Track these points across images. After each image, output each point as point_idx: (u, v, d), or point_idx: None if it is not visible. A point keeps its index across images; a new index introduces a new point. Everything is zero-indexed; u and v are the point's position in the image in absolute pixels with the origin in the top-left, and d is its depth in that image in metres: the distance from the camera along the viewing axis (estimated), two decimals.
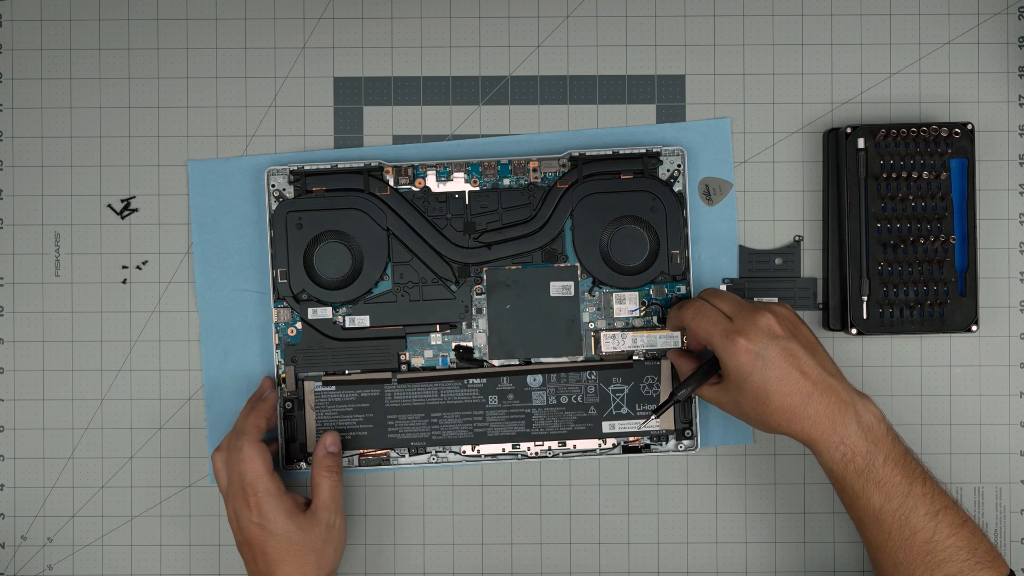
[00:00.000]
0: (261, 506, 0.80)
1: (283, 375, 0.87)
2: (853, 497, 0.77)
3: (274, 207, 0.87)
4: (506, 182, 0.88)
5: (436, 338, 0.88)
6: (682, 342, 0.85)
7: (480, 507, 0.89)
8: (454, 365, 0.88)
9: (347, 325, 0.87)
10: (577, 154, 0.87)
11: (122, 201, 0.90)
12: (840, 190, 0.87)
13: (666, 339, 0.87)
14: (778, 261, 0.89)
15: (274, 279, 0.87)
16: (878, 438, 0.76)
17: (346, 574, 0.89)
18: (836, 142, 0.87)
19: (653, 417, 0.84)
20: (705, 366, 0.82)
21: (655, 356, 0.88)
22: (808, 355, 0.77)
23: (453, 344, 0.88)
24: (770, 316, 0.77)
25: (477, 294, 0.88)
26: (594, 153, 0.87)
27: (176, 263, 0.89)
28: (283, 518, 0.80)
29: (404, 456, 0.88)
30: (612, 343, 0.86)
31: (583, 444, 0.88)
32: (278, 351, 0.87)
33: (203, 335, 0.89)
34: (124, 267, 0.89)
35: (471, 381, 0.88)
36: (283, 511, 0.80)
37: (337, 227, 0.87)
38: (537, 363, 0.88)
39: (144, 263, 0.89)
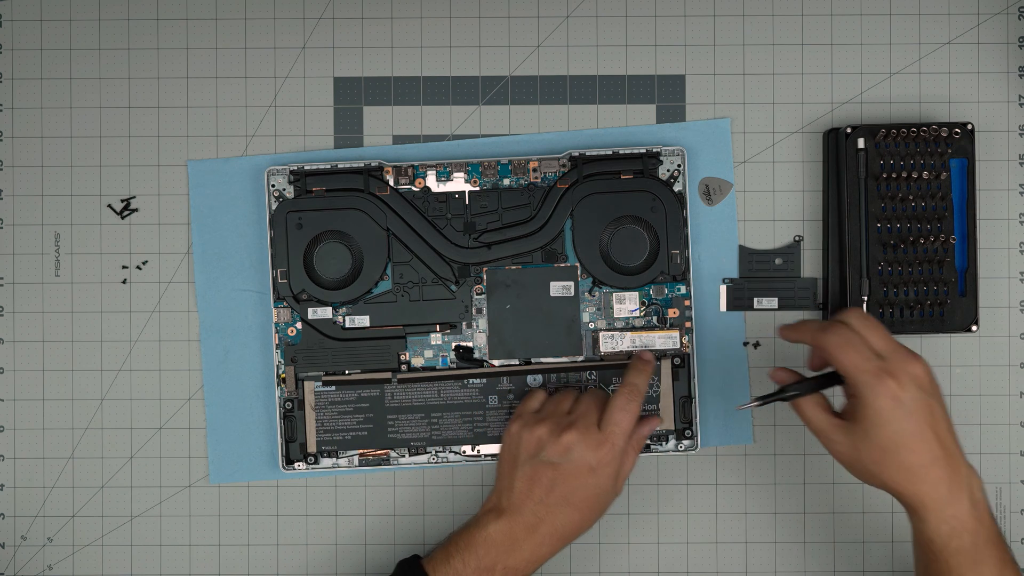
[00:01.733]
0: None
1: (283, 375, 0.87)
2: (945, 571, 0.74)
3: (274, 207, 0.87)
4: (506, 182, 0.88)
5: (436, 338, 0.88)
6: (681, 342, 0.85)
7: (480, 507, 0.89)
8: (454, 365, 0.88)
9: (347, 325, 0.87)
10: (577, 154, 0.87)
11: (122, 201, 0.90)
12: (840, 190, 0.87)
13: (665, 339, 0.87)
14: (778, 261, 0.89)
15: (274, 279, 0.87)
16: (984, 517, 0.74)
17: (346, 574, 0.90)
18: (836, 142, 0.87)
19: (755, 403, 0.80)
20: (822, 379, 0.77)
21: (655, 356, 0.88)
22: (945, 418, 0.75)
23: (453, 344, 0.88)
24: (923, 366, 0.74)
25: (477, 294, 0.88)
26: (594, 153, 0.87)
27: (176, 263, 0.89)
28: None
29: (404, 456, 0.88)
30: (611, 343, 0.86)
31: None
32: (278, 351, 0.87)
33: (203, 335, 0.89)
34: (124, 267, 0.89)
35: (471, 381, 0.88)
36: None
37: (337, 227, 0.87)
38: (537, 363, 0.88)
39: (144, 263, 0.89)
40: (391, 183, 0.87)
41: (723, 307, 0.89)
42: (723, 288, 0.89)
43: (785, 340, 0.79)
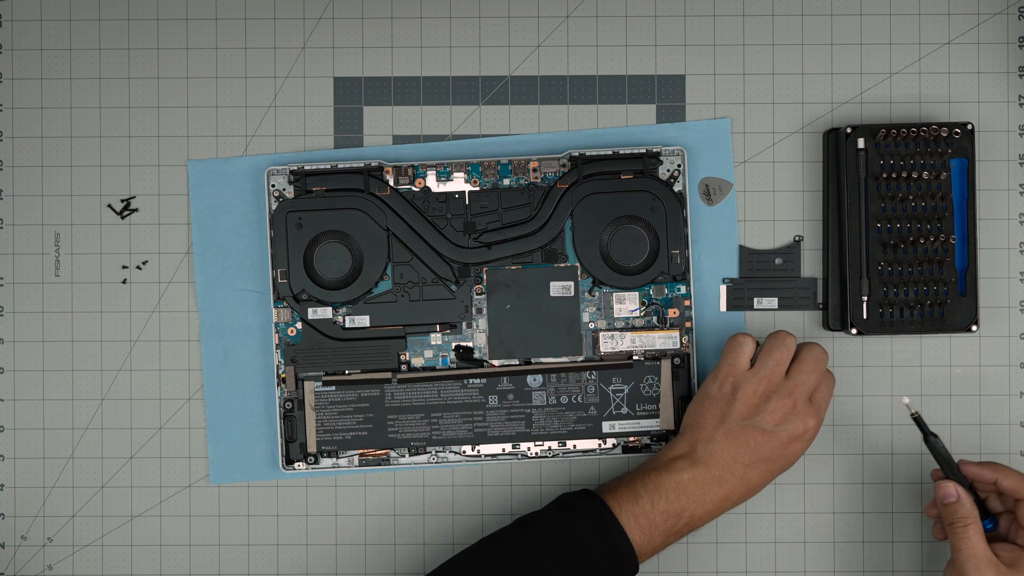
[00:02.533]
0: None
1: (283, 375, 0.87)
2: None
3: (274, 207, 0.87)
4: (506, 182, 0.88)
5: (436, 338, 0.88)
6: (681, 342, 0.85)
7: (480, 507, 0.89)
8: (454, 365, 0.88)
9: (347, 325, 0.87)
10: (577, 154, 0.87)
11: (122, 201, 0.90)
12: (840, 190, 0.87)
13: (665, 339, 0.87)
14: (778, 261, 0.89)
15: (274, 279, 0.87)
16: None
17: (346, 574, 0.90)
18: (836, 142, 0.87)
19: (915, 414, 0.83)
20: (981, 509, 0.81)
21: (655, 356, 0.88)
22: None
23: (453, 344, 0.88)
24: None
25: (477, 294, 0.88)
26: (594, 153, 0.87)
27: (176, 263, 0.89)
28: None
29: (404, 456, 0.88)
30: (611, 343, 0.86)
31: (583, 444, 0.88)
32: (278, 351, 0.87)
33: (203, 335, 0.89)
34: (124, 267, 0.89)
35: (471, 381, 0.88)
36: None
37: (337, 227, 0.87)
38: (537, 363, 0.88)
39: (144, 263, 0.89)
40: (391, 183, 0.87)
41: (723, 307, 0.89)
42: (723, 288, 0.89)
43: (969, 476, 0.81)
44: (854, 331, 0.86)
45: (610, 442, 0.88)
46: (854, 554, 0.89)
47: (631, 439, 0.88)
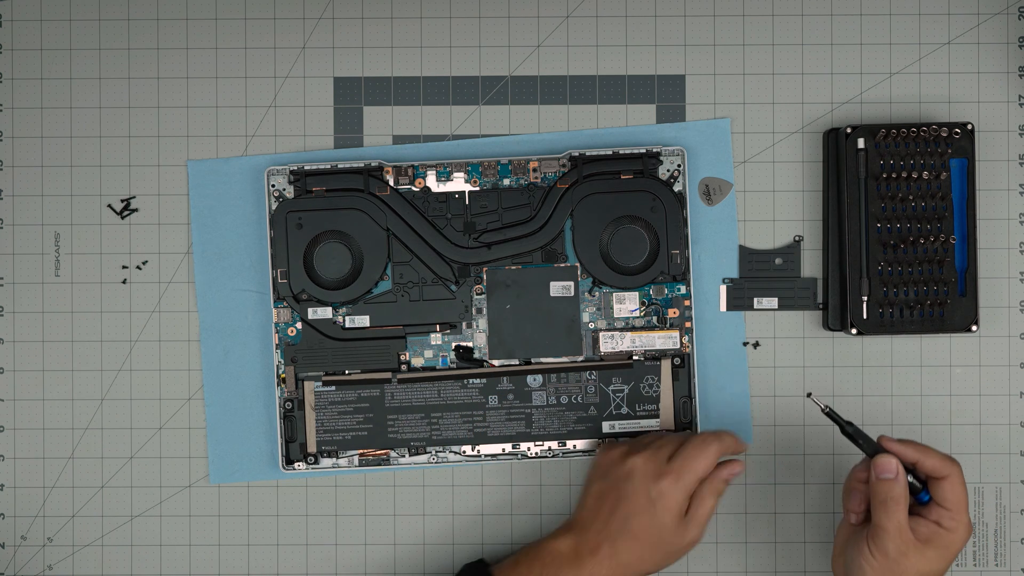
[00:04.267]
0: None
1: (283, 375, 0.87)
2: None
3: (274, 207, 0.87)
4: (506, 182, 0.88)
5: (436, 338, 0.88)
6: (681, 342, 0.85)
7: (480, 507, 0.89)
8: (454, 365, 0.88)
9: (347, 325, 0.87)
10: (577, 154, 0.87)
11: (122, 201, 0.90)
12: (840, 190, 0.87)
13: (665, 339, 0.87)
14: (778, 261, 0.89)
15: (274, 279, 0.87)
16: None
17: (346, 574, 0.90)
18: (836, 142, 0.87)
19: (821, 407, 0.81)
20: (912, 483, 0.79)
21: (655, 356, 0.88)
22: None
23: (453, 344, 0.88)
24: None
25: (477, 294, 0.88)
26: (594, 153, 0.87)
27: (176, 263, 0.89)
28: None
29: (404, 456, 0.88)
30: (611, 343, 0.86)
31: (583, 444, 0.88)
32: (278, 351, 0.87)
33: (203, 335, 0.89)
34: (124, 267, 0.89)
35: (471, 381, 0.88)
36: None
37: (337, 227, 0.87)
38: (537, 363, 0.88)
39: (144, 263, 0.89)
40: (391, 183, 0.87)
41: (723, 307, 0.89)
42: (723, 288, 0.89)
43: (896, 454, 0.79)
44: (854, 331, 0.86)
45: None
46: None
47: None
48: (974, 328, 0.87)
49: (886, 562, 0.77)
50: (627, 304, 0.88)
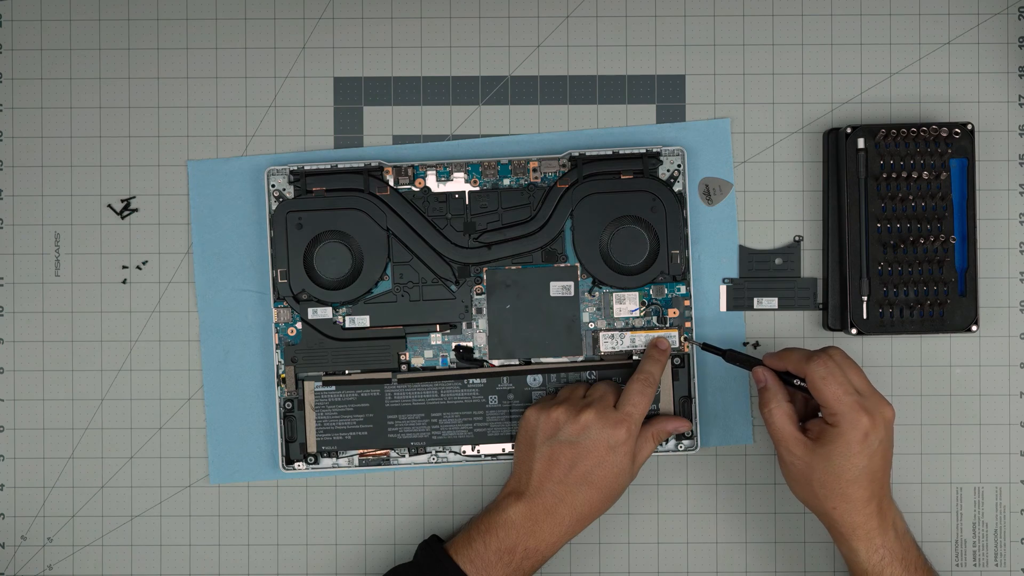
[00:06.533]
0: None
1: (283, 375, 0.87)
2: None
3: (274, 207, 0.87)
4: (506, 182, 0.88)
5: (436, 338, 0.88)
6: (681, 342, 0.85)
7: (480, 507, 0.89)
8: (454, 365, 0.88)
9: (347, 325, 0.87)
10: (577, 154, 0.87)
11: (122, 201, 0.90)
12: (840, 190, 0.87)
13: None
14: (778, 261, 0.89)
15: (274, 279, 0.87)
16: (910, 546, 0.81)
17: (346, 574, 0.90)
18: (836, 142, 0.87)
19: (697, 344, 0.85)
20: (791, 385, 0.81)
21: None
22: (890, 460, 0.80)
23: (453, 344, 0.88)
24: (893, 411, 0.79)
25: (477, 294, 0.88)
26: (594, 153, 0.87)
27: (176, 263, 0.89)
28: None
29: (404, 456, 0.88)
30: (611, 343, 0.86)
31: None
32: (278, 351, 0.87)
33: (203, 335, 0.89)
34: (124, 267, 0.89)
35: (471, 381, 0.88)
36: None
37: (337, 227, 0.87)
38: (537, 363, 0.88)
39: (144, 263, 0.89)
40: (391, 183, 0.87)
41: (723, 307, 0.89)
42: (723, 288, 0.89)
43: (770, 367, 0.82)
44: (854, 331, 0.86)
45: None
46: None
47: None
48: (974, 328, 0.87)
49: (791, 469, 0.80)
50: (627, 304, 0.88)
